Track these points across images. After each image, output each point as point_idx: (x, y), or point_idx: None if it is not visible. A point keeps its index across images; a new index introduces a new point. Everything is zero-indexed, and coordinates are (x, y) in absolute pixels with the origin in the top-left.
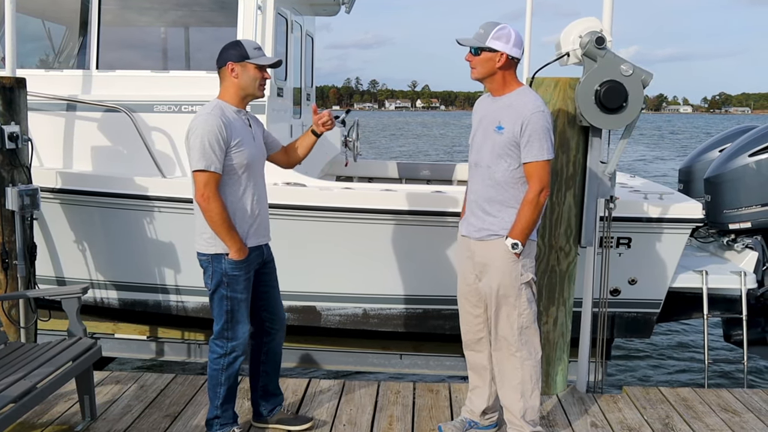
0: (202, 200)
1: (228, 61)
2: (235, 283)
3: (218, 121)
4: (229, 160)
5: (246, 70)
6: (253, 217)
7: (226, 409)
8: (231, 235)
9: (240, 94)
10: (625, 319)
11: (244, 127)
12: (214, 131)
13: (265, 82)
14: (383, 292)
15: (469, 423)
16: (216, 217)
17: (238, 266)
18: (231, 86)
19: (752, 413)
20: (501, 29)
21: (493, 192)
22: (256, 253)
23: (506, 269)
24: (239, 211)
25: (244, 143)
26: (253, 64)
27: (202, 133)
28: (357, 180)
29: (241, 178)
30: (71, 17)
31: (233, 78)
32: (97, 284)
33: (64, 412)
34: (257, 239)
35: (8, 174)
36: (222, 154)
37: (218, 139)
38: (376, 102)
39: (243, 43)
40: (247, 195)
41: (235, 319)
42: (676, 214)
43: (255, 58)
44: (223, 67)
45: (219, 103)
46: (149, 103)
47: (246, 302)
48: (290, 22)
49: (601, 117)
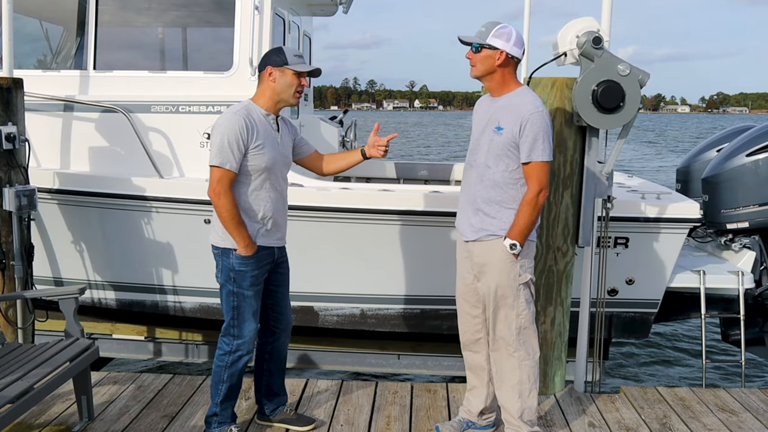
0: (212, 195)
1: (268, 65)
2: (241, 279)
3: (241, 122)
4: (248, 162)
5: (284, 75)
6: (265, 219)
7: (225, 407)
8: (239, 231)
9: (274, 98)
10: (623, 319)
11: (270, 130)
12: (235, 130)
13: (302, 89)
14: (381, 293)
15: (467, 423)
16: (224, 212)
17: (244, 262)
18: (267, 89)
19: (750, 413)
20: (502, 28)
21: (492, 192)
22: (266, 253)
23: (504, 270)
24: (251, 211)
25: (265, 146)
26: (291, 70)
27: (223, 131)
28: (355, 180)
29: (257, 180)
30: (69, 18)
31: (270, 82)
32: (95, 285)
33: (62, 413)
34: (268, 241)
35: (5, 174)
36: (240, 154)
37: (238, 139)
38: (374, 102)
39: (284, 49)
40: (261, 197)
41: (241, 316)
42: (673, 213)
43: (294, 64)
44: (263, 70)
45: (249, 104)
46: (147, 103)
47: (253, 300)
48: (287, 22)
49: (599, 117)
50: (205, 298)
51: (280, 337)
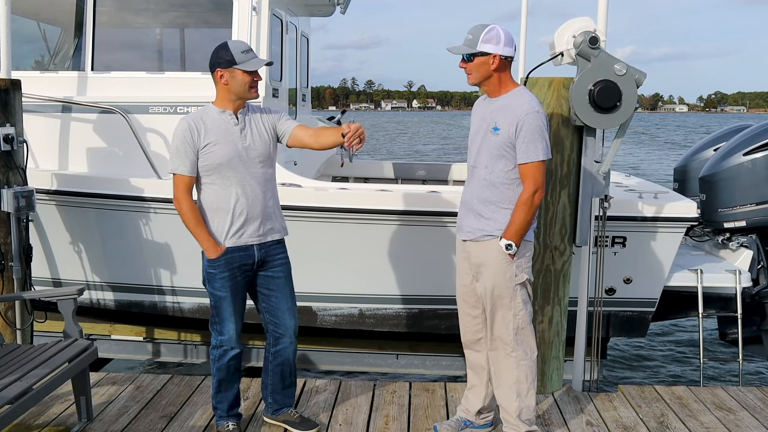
0: (174, 202)
1: (217, 68)
2: (213, 280)
3: (185, 126)
4: (202, 162)
5: (234, 76)
6: (235, 217)
7: (220, 400)
8: (199, 234)
9: (231, 98)
10: (621, 318)
11: (226, 126)
12: (179, 135)
13: (257, 83)
14: (379, 293)
15: (465, 422)
16: (184, 217)
17: (212, 264)
18: (222, 91)
19: (747, 411)
20: (490, 31)
21: (489, 193)
22: (240, 254)
23: (500, 270)
24: (219, 211)
25: (218, 143)
26: (240, 70)
27: (173, 139)
28: (353, 180)
29: (217, 178)
30: (66, 18)
31: (223, 84)
32: (93, 285)
33: (61, 414)
34: (241, 239)
35: (4, 176)
36: (189, 157)
37: (184, 143)
38: (372, 102)
39: (231, 46)
40: (228, 194)
41: (220, 315)
42: (671, 213)
43: (242, 63)
44: (213, 72)
45: (205, 107)
46: (144, 104)
47: (227, 301)
48: (285, 22)
49: (595, 116)
50: (203, 298)
51: (282, 342)
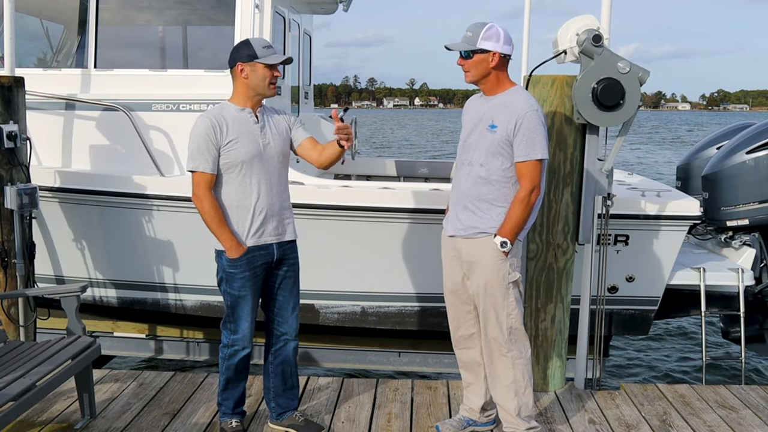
0: (194, 200)
1: (237, 62)
2: (232, 280)
3: (207, 123)
4: (224, 159)
5: (255, 70)
6: (255, 215)
7: (225, 398)
8: (222, 234)
9: (250, 94)
10: (623, 317)
11: (248, 124)
12: (201, 132)
13: (276, 80)
14: (382, 290)
15: (467, 422)
16: (206, 216)
17: (233, 264)
18: (241, 86)
19: (750, 409)
20: (489, 29)
21: (484, 190)
22: (260, 253)
23: (494, 267)
24: (240, 209)
25: (240, 140)
26: (262, 64)
27: (192, 136)
28: (355, 178)
29: (239, 175)
30: (69, 16)
31: (243, 78)
32: (96, 283)
33: (64, 410)
34: (261, 238)
35: (7, 173)
36: (211, 154)
37: (207, 140)
38: (374, 100)
39: (252, 42)
40: (249, 192)
41: (235, 314)
42: (673, 211)
43: (264, 57)
44: (233, 67)
45: (223, 104)
46: (147, 101)
47: (246, 300)
48: (288, 20)
49: (598, 114)
50: (206, 295)
51: (285, 343)
